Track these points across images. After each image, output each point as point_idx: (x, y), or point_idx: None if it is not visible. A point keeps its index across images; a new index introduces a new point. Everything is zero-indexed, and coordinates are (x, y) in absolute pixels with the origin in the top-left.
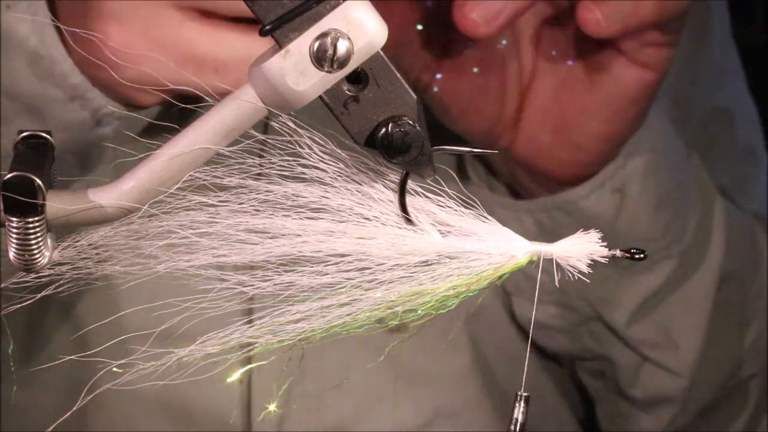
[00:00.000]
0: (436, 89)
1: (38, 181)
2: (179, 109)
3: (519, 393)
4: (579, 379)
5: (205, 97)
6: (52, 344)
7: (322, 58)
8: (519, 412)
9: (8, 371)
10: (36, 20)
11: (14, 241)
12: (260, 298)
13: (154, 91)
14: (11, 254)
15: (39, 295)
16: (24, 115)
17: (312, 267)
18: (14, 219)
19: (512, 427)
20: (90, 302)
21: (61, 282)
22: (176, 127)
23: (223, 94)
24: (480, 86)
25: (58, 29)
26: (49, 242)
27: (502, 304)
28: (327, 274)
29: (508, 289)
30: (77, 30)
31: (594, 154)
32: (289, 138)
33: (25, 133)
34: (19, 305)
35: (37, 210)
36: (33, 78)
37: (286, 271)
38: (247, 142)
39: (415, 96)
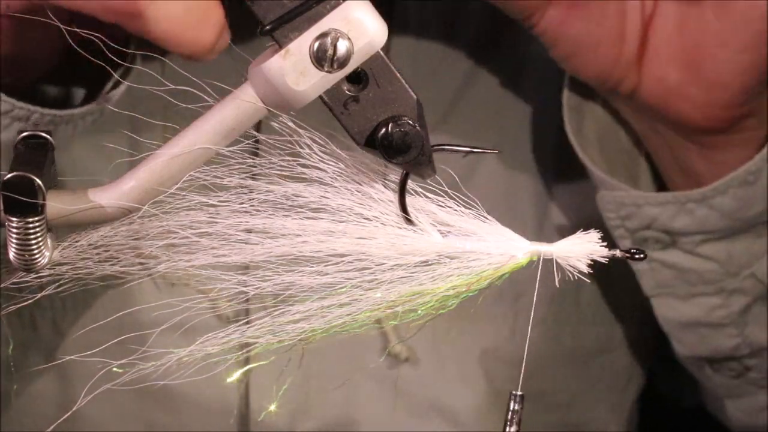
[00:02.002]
0: (544, 22)
1: (38, 181)
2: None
3: (514, 392)
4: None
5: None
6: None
7: (322, 58)
8: (514, 408)
9: (8, 370)
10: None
11: (14, 241)
12: (257, 299)
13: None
14: (11, 254)
15: (39, 295)
16: None
17: (312, 267)
18: (14, 219)
19: (509, 428)
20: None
21: (61, 282)
22: (175, 126)
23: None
24: (594, 18)
25: None
26: (49, 242)
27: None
28: (327, 274)
29: (647, 293)
30: (77, 30)
31: (736, 91)
32: (289, 138)
33: (25, 133)
34: (19, 305)
35: (37, 210)
36: None
37: (287, 271)
38: (247, 142)
39: (414, 96)
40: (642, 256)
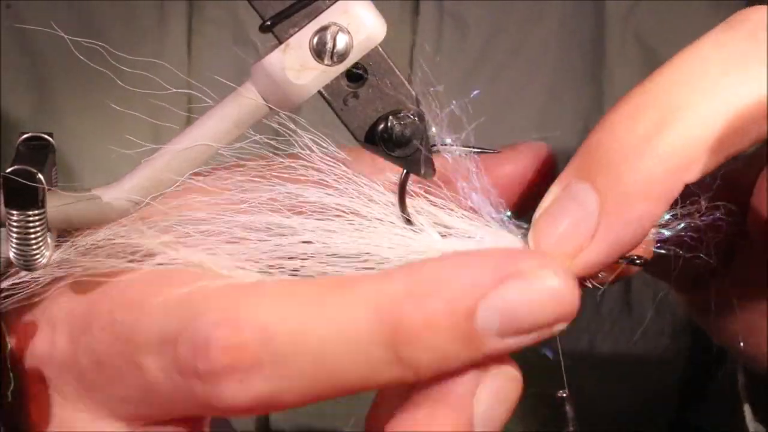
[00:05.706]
0: None
1: (39, 174)
2: None
3: (561, 394)
4: None
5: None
6: None
7: (321, 51)
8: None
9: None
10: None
11: (14, 236)
12: None
13: None
14: (11, 253)
15: (38, 297)
16: None
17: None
18: (14, 212)
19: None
20: None
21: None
22: (175, 127)
23: None
24: None
25: None
26: (49, 241)
27: None
28: (326, 274)
29: None
30: (80, 39)
31: None
32: (289, 138)
33: (26, 135)
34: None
35: (38, 203)
36: None
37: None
38: (247, 141)
39: (413, 91)
40: (642, 261)
